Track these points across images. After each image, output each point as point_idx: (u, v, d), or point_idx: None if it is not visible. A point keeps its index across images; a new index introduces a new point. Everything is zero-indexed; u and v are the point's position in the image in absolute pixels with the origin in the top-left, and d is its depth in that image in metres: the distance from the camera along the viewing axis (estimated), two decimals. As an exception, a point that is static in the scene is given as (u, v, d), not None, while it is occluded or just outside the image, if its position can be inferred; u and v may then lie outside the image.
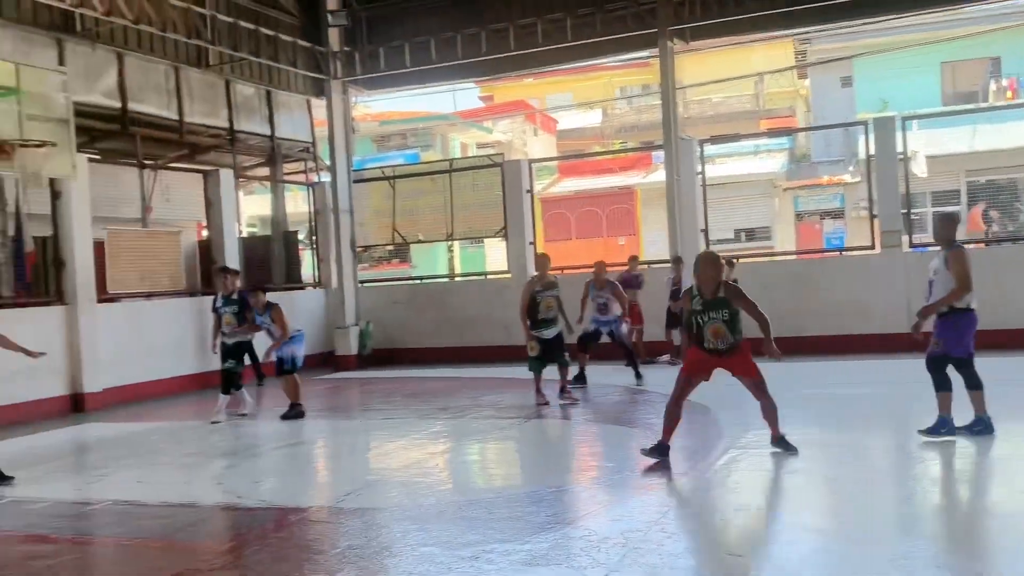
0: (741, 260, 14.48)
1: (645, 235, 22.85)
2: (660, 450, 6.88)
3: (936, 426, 7.09)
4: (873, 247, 14.01)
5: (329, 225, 16.95)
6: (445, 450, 8.64)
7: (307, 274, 18.34)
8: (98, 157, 13.35)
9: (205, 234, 15.94)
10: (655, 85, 27.87)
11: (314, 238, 17.81)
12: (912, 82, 23.70)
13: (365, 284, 17.48)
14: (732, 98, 30.16)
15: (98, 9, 11.92)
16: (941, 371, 7.11)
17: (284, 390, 10.38)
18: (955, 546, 5.03)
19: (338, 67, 16.66)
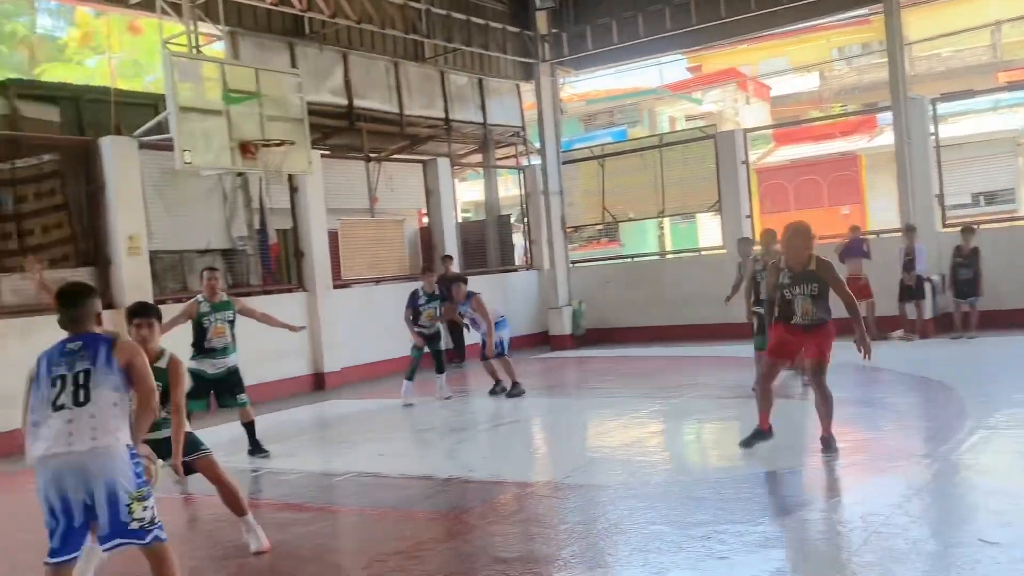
0: (982, 226, 13.40)
1: (871, 203, 21.51)
2: (758, 436, 6.66)
3: None
4: None
5: (540, 207, 17.24)
6: (666, 429, 8.58)
7: (519, 256, 18.77)
8: (328, 152, 14.26)
9: (425, 221, 16.68)
10: (876, 43, 26.15)
11: (525, 220, 18.18)
12: None
13: (576, 264, 17.64)
14: (964, 51, 27.71)
15: (325, 12, 12.74)
16: None
17: (488, 372, 10.92)
18: None
19: (546, 50, 16.86)
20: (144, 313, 4.90)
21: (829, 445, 6.50)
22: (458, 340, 14.30)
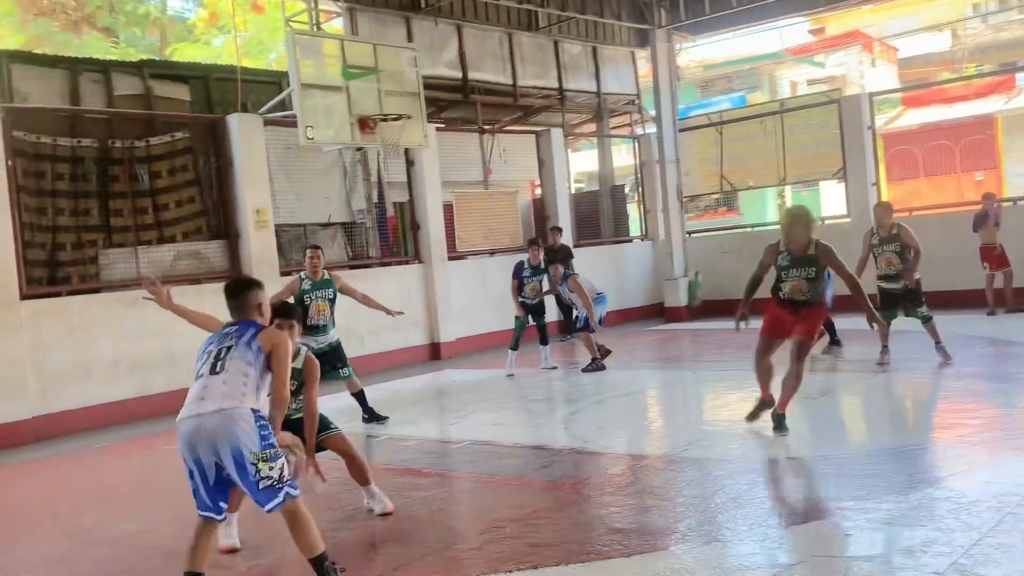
0: None
1: (1008, 168, 20.30)
2: (762, 407, 6.94)
3: None
4: None
5: (655, 177, 16.98)
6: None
7: (634, 227, 18.57)
8: (443, 126, 14.43)
9: (538, 192, 16.69)
10: (1017, -2, 24.54)
11: (640, 190, 17.95)
12: None
13: (693, 235, 17.34)
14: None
15: (440, -15, 12.84)
16: None
17: (586, 346, 10.89)
18: None
19: (662, 15, 16.52)
20: (287, 315, 5.05)
21: (780, 424, 6.68)
22: (567, 313, 14.32)
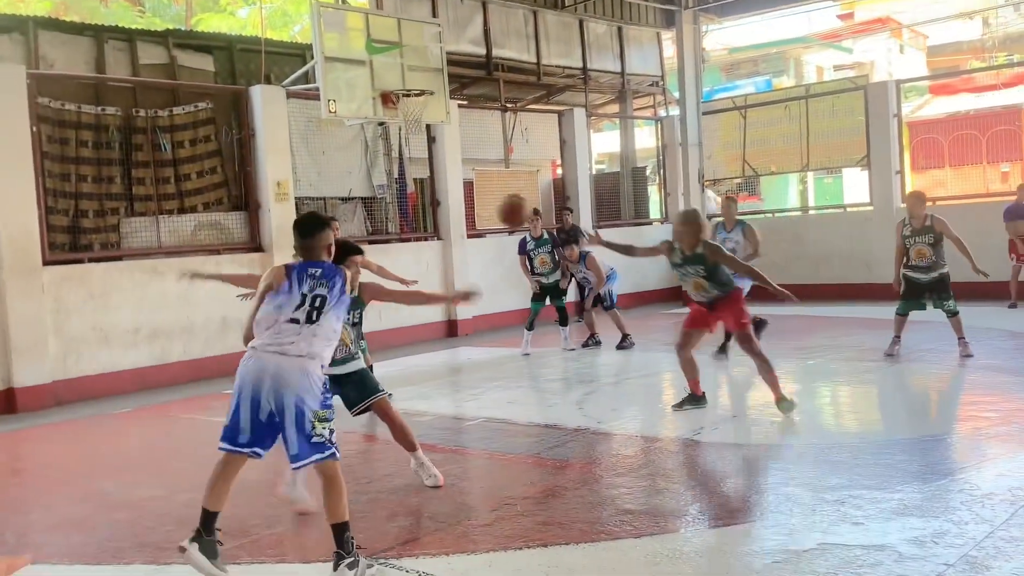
0: None
1: (1035, 160, 20.00)
2: (691, 400, 7.20)
3: None
4: None
5: (677, 159, 16.90)
6: (802, 391, 8.34)
7: (654, 209, 18.48)
8: (465, 102, 14.38)
9: (559, 172, 16.64)
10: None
11: (661, 172, 17.86)
12: None
13: (712, 219, 17.21)
14: None
15: (466, -39, 12.77)
16: None
17: (616, 324, 10.90)
18: None
19: (689, -4, 16.38)
20: (355, 251, 5.20)
21: (782, 404, 6.84)
22: (582, 293, 14.31)
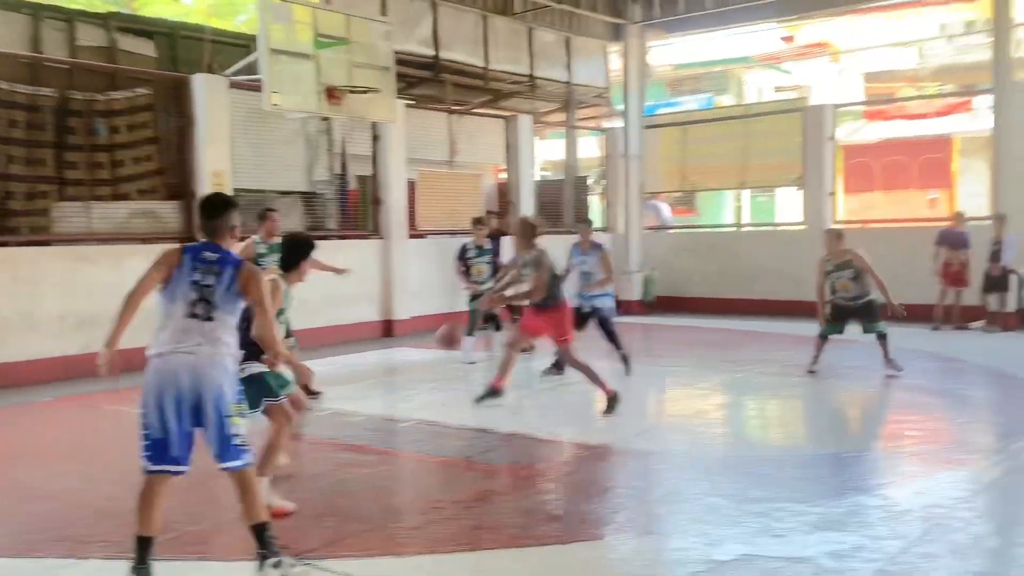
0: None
1: (961, 189, 20.73)
2: (491, 393, 7.69)
3: None
4: None
5: (618, 171, 17.08)
6: (730, 403, 8.53)
7: (595, 219, 18.65)
8: (412, 102, 14.32)
9: (502, 177, 16.68)
10: (981, 22, 25.00)
11: (603, 183, 18.04)
12: None
13: (651, 230, 17.48)
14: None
15: (417, -39, 12.72)
16: None
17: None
18: None
19: (636, 11, 16.57)
20: (311, 247, 5.26)
21: (612, 405, 7.40)
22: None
